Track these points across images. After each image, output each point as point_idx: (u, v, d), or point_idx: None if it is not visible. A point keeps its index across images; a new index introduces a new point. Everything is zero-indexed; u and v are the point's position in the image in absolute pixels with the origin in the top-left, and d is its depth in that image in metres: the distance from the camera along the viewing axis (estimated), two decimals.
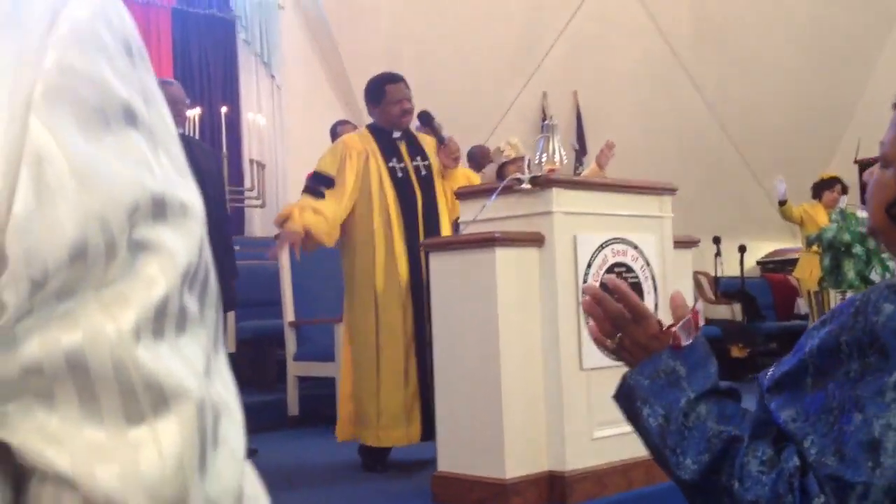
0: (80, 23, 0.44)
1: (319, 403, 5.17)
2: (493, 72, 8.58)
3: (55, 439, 0.42)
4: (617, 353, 1.28)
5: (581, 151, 8.54)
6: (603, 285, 1.30)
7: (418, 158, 3.86)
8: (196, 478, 0.44)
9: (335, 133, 5.89)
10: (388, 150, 3.81)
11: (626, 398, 1.23)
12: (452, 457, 3.06)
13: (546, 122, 3.36)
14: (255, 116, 8.07)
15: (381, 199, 3.72)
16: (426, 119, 3.92)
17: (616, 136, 9.45)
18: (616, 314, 1.25)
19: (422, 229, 3.72)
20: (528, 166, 3.13)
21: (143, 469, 0.42)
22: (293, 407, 5.09)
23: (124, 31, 0.47)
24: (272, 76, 8.35)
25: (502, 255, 2.97)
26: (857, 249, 4.27)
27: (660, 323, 1.25)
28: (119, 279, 0.43)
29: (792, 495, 1.03)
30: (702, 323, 1.26)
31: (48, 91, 0.42)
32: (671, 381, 1.18)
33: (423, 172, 3.83)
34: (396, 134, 3.86)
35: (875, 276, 4.32)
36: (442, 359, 3.12)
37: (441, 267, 3.14)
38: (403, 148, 3.85)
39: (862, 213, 4.60)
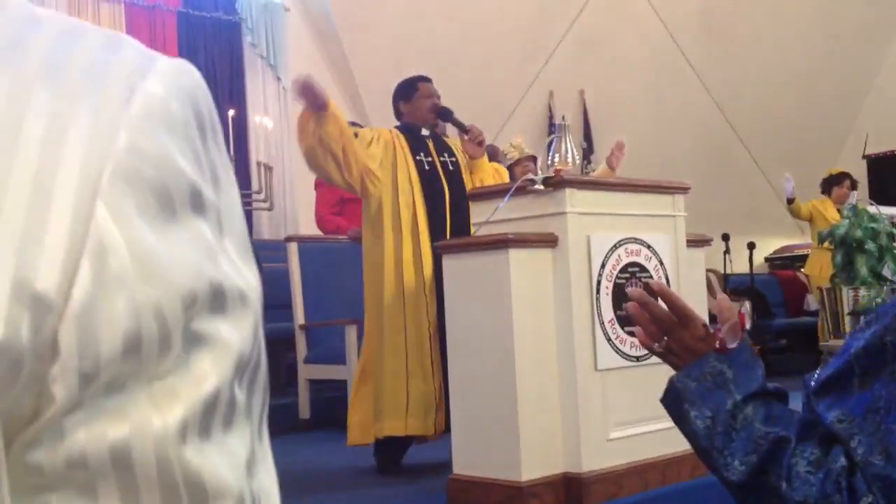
0: (156, 100, 0.42)
1: (331, 406, 5.17)
2: (500, 71, 8.57)
3: None
4: (663, 356, 1.28)
5: (588, 150, 8.53)
6: (646, 286, 1.30)
7: (445, 155, 3.92)
8: None
9: None
10: (416, 145, 3.86)
11: (674, 400, 1.25)
12: (468, 459, 3.05)
13: (559, 122, 3.35)
14: (261, 119, 8.07)
15: (408, 192, 3.74)
16: (446, 114, 3.96)
17: (623, 135, 9.43)
18: (662, 318, 1.26)
19: (449, 223, 3.73)
20: (541, 167, 3.11)
21: None
22: (304, 410, 5.08)
23: (199, 107, 0.45)
24: (278, 78, 8.35)
25: (516, 256, 2.96)
26: (870, 246, 4.25)
27: (705, 326, 1.25)
28: (171, 373, 0.41)
29: (840, 495, 1.03)
30: (748, 325, 1.27)
31: (116, 174, 0.40)
32: (718, 384, 1.19)
33: (451, 168, 3.88)
34: (425, 132, 3.93)
35: (887, 272, 4.30)
36: (456, 361, 3.11)
37: (454, 268, 3.13)
38: (431, 145, 3.92)
39: (873, 209, 4.58)
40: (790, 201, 7.02)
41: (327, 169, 3.62)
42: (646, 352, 3.13)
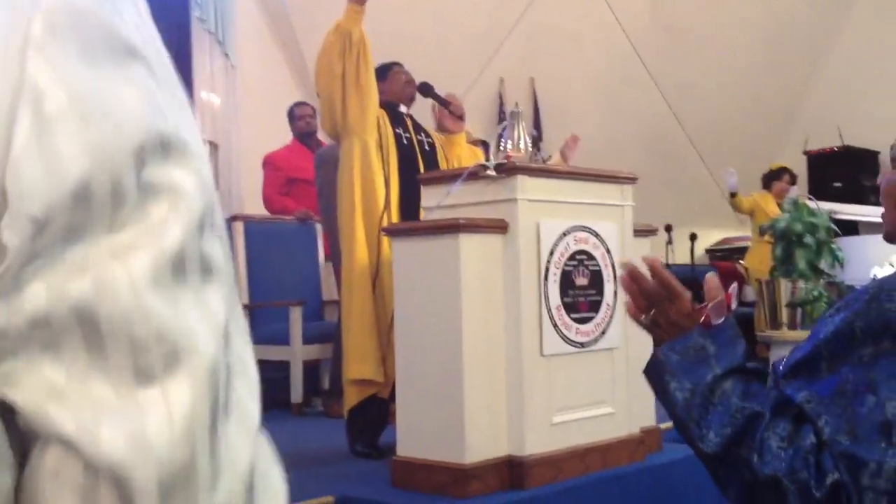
0: None
1: (274, 387, 5.14)
2: (451, 56, 8.57)
3: (59, 396, 0.39)
4: (649, 328, 1.32)
5: (538, 138, 8.58)
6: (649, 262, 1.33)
7: (422, 134, 3.97)
8: (205, 442, 0.40)
9: (293, 115, 5.84)
10: (396, 120, 3.90)
11: (655, 371, 1.28)
12: (412, 441, 3.07)
13: (512, 109, 3.37)
14: (208, 96, 7.96)
15: (387, 160, 3.75)
16: (426, 88, 4.01)
17: (572, 124, 9.48)
18: (652, 291, 1.29)
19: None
20: (493, 153, 3.13)
21: (151, 435, 0.39)
22: None
23: None
24: (226, 55, 8.24)
25: (466, 241, 2.97)
26: (808, 240, 4.35)
27: (693, 302, 1.29)
28: (130, 224, 0.40)
29: (807, 471, 1.07)
30: (734, 305, 1.31)
31: (48, 24, 0.40)
32: (700, 358, 1.22)
33: (427, 147, 3.91)
34: (402, 109, 3.98)
35: (825, 265, 4.41)
36: (404, 343, 3.12)
37: (404, 252, 3.14)
38: (409, 123, 3.96)
39: (813, 204, 4.69)
40: (733, 195, 7.14)
41: (332, 83, 3.63)
42: (590, 338, 3.20)
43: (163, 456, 0.39)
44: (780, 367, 1.20)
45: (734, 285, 1.34)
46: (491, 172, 3.02)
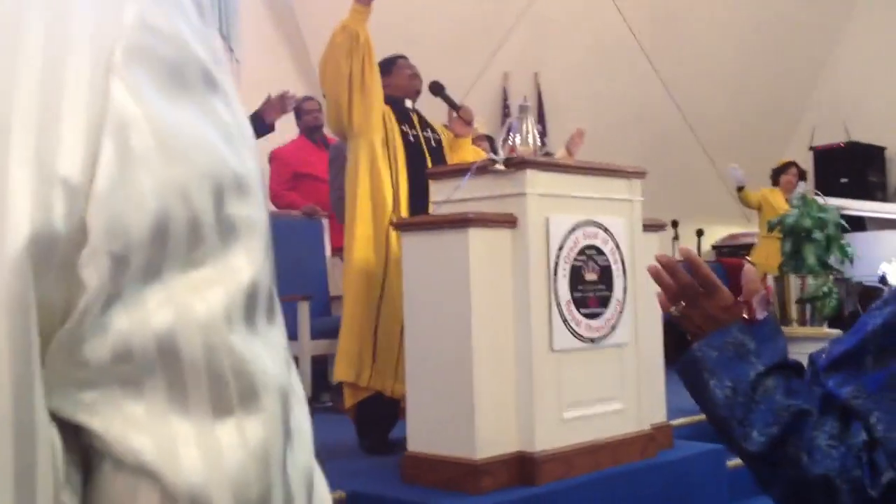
0: None
1: None
2: (455, 51, 8.55)
3: (140, 427, 0.39)
4: (681, 320, 1.27)
5: (542, 132, 8.57)
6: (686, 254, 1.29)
7: (429, 130, 3.95)
8: (279, 473, 0.42)
9: (300, 110, 5.82)
10: (401, 116, 3.88)
11: (692, 368, 1.23)
12: (423, 437, 3.06)
13: (521, 103, 3.36)
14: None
15: (394, 158, 3.74)
16: (437, 88, 3.98)
17: (577, 118, 9.46)
18: (687, 285, 1.25)
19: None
20: (501, 147, 3.11)
21: (229, 464, 0.40)
22: None
23: None
24: (231, 49, 8.22)
25: (475, 235, 2.96)
26: (817, 235, 4.34)
27: (733, 296, 1.25)
28: (209, 262, 0.40)
29: (860, 469, 1.04)
30: (772, 299, 1.28)
31: (129, 51, 0.39)
32: (739, 354, 1.19)
33: (434, 143, 3.90)
34: (408, 104, 3.96)
35: (834, 261, 4.39)
36: (413, 339, 3.11)
37: (413, 247, 3.12)
38: (415, 118, 3.94)
39: (821, 200, 4.67)
40: (740, 189, 7.13)
41: (339, 82, 3.60)
42: (600, 334, 3.18)
43: (241, 484, 0.40)
44: (821, 361, 1.17)
45: (770, 278, 1.31)
46: (500, 167, 3.01)
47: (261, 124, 4.24)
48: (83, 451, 0.40)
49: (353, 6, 3.67)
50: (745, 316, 1.22)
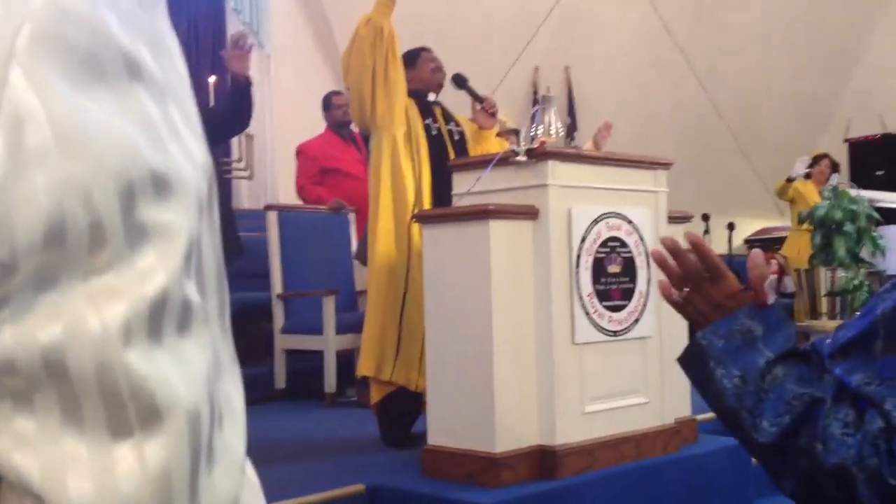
0: None
1: (307, 377, 5.15)
2: (485, 46, 8.51)
3: (28, 445, 0.36)
4: (681, 307, 1.24)
5: (572, 127, 8.52)
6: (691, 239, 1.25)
7: (452, 124, 3.94)
8: (185, 498, 0.38)
9: (329, 103, 5.82)
10: (424, 110, 3.87)
11: (697, 359, 1.20)
12: (443, 430, 3.04)
13: (543, 93, 3.32)
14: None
15: (416, 152, 3.73)
16: (460, 80, 3.97)
17: (607, 113, 9.37)
18: (692, 270, 1.22)
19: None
20: (524, 138, 3.09)
21: (123, 489, 0.37)
22: (280, 380, 5.07)
23: None
24: (261, 45, 8.26)
25: (496, 227, 2.94)
26: (848, 227, 4.26)
27: (739, 282, 1.21)
28: (113, 268, 0.37)
29: (878, 458, 1.01)
30: (784, 284, 1.24)
31: (35, 37, 0.35)
32: (747, 342, 1.15)
33: (457, 137, 3.89)
34: (431, 97, 3.95)
35: (865, 253, 4.32)
36: (434, 332, 3.10)
37: (434, 239, 3.11)
38: (438, 112, 3.93)
39: (854, 192, 4.59)
40: (790, 180, 7.05)
41: (363, 75, 3.59)
42: (623, 327, 3.15)
43: None
44: (826, 347, 1.12)
45: (774, 261, 1.27)
46: (521, 158, 2.98)
47: (240, 87, 4.10)
48: None
49: (379, 1, 3.67)
50: (754, 301, 1.17)
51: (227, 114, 4.33)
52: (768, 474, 1.15)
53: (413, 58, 3.99)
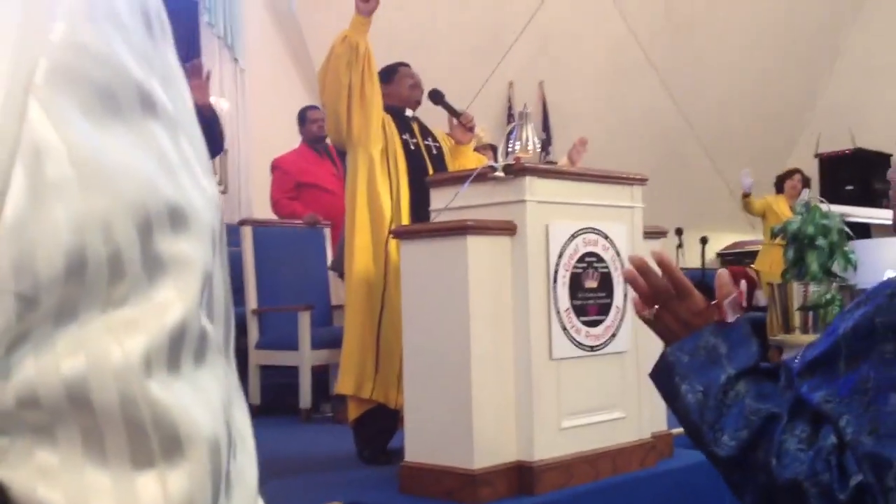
0: None
1: (282, 393, 5.12)
2: (460, 60, 8.54)
3: (52, 478, 0.37)
4: (653, 324, 1.26)
5: (547, 142, 8.56)
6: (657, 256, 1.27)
7: (430, 139, 3.94)
8: None
9: (304, 118, 5.82)
10: (402, 126, 3.86)
11: (665, 374, 1.22)
12: (421, 447, 3.03)
13: (521, 110, 3.34)
14: (217, 100, 7.96)
15: (394, 167, 3.72)
16: (436, 96, 3.96)
17: (581, 127, 9.42)
18: (660, 288, 1.24)
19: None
20: (501, 154, 3.10)
21: None
22: (255, 396, 5.03)
23: (146, 2, 0.41)
24: (235, 59, 8.24)
25: (474, 243, 2.94)
26: (821, 242, 4.31)
27: (705, 300, 1.23)
28: (129, 301, 0.37)
29: (830, 473, 1.03)
30: (745, 303, 1.27)
31: (53, 71, 0.36)
32: (711, 359, 1.17)
33: (434, 152, 3.89)
34: (409, 113, 3.95)
35: (837, 268, 4.36)
36: (411, 347, 3.09)
37: (412, 255, 3.11)
38: (416, 127, 3.93)
39: (825, 207, 4.64)
40: (745, 195, 7.11)
41: (339, 92, 3.57)
42: (600, 342, 3.16)
43: None
44: (794, 365, 1.15)
45: (743, 282, 1.29)
46: (499, 174, 2.99)
47: (204, 118, 4.13)
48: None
49: (355, 17, 3.67)
50: (717, 319, 1.21)
51: None
52: (730, 487, 1.17)
53: (391, 73, 3.99)
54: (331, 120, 3.72)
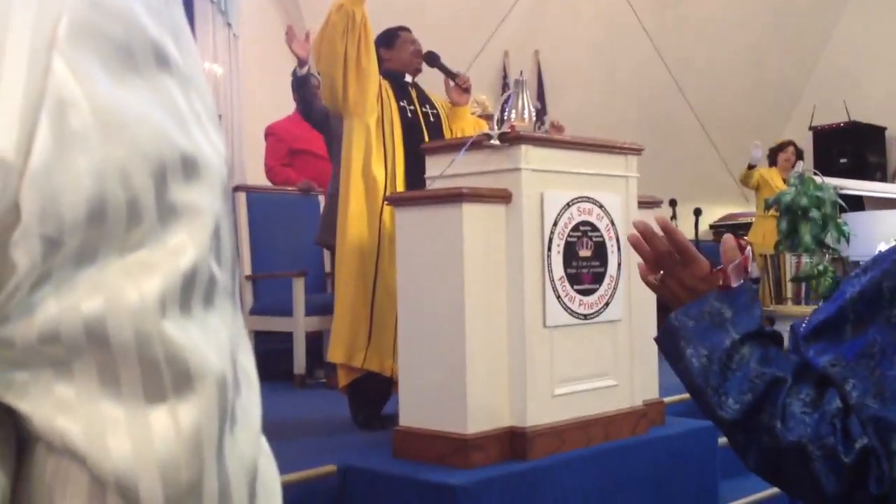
0: None
1: (276, 358, 5.14)
2: (454, 29, 8.49)
3: (69, 409, 0.39)
4: (659, 289, 1.27)
5: (542, 111, 8.53)
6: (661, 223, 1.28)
7: (427, 105, 3.91)
8: (213, 460, 0.42)
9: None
10: (400, 92, 3.84)
11: (670, 338, 1.24)
12: (415, 412, 3.06)
13: (516, 77, 3.33)
14: (211, 66, 7.91)
15: (390, 135, 3.70)
16: (432, 58, 3.93)
17: (576, 97, 9.41)
18: (664, 254, 1.25)
19: None
20: (497, 122, 3.10)
21: (159, 449, 0.40)
22: None
23: None
24: (229, 24, 8.18)
25: (469, 211, 2.95)
26: (814, 214, 4.33)
27: (711, 265, 1.25)
28: (145, 245, 0.39)
29: (834, 436, 1.04)
30: (751, 269, 1.27)
31: (73, 26, 0.38)
32: (716, 323, 1.19)
33: (432, 119, 3.85)
34: (408, 79, 3.92)
35: (830, 240, 4.38)
36: (406, 314, 3.11)
37: (407, 222, 3.11)
38: (414, 94, 3.90)
39: (818, 179, 4.66)
40: (751, 167, 7.12)
41: (335, 63, 3.53)
42: (594, 310, 3.18)
43: (170, 469, 0.40)
44: (801, 330, 1.16)
45: (749, 248, 1.30)
46: (495, 142, 2.99)
47: (299, 78, 4.18)
48: (17, 430, 0.40)
49: None
50: (721, 284, 1.22)
51: None
52: (734, 450, 1.19)
53: (392, 38, 3.95)
54: (327, 89, 3.70)
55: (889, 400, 1.02)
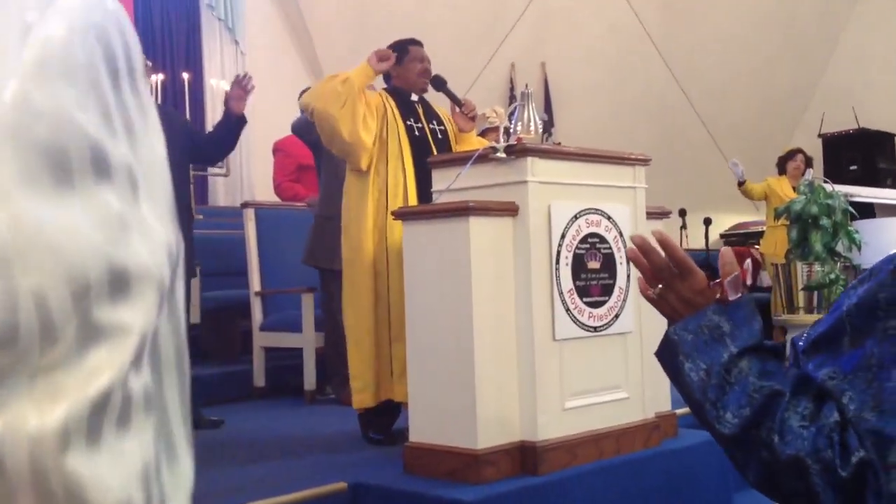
0: (54, 44, 0.37)
1: (286, 374, 5.14)
2: (461, 42, 8.51)
3: None
4: (658, 304, 1.26)
5: (549, 123, 8.53)
6: (657, 235, 1.27)
7: (434, 122, 3.87)
8: None
9: None
10: (406, 110, 3.79)
11: (669, 353, 1.23)
12: (425, 427, 3.04)
13: (523, 90, 3.32)
14: (218, 83, 7.94)
15: (398, 156, 3.66)
16: (439, 82, 3.89)
17: (584, 108, 9.41)
18: (662, 267, 1.24)
19: None
20: (503, 135, 3.08)
21: None
22: (259, 378, 5.05)
23: (111, 46, 0.40)
24: (236, 42, 8.21)
25: (476, 224, 2.94)
26: (825, 222, 4.29)
27: (708, 278, 1.23)
28: (59, 367, 0.38)
29: (832, 450, 1.03)
30: (750, 281, 1.26)
31: (2, 136, 0.36)
32: (715, 337, 1.17)
33: (440, 136, 3.82)
34: (414, 97, 3.87)
35: (841, 248, 4.35)
36: (415, 328, 3.09)
37: (414, 236, 3.10)
38: (420, 111, 3.85)
39: (829, 186, 4.63)
40: (741, 184, 7.08)
41: (338, 121, 3.53)
42: (603, 322, 3.16)
43: None
44: (800, 343, 1.15)
45: (749, 261, 1.28)
46: (501, 154, 2.98)
47: (233, 124, 4.17)
48: None
49: (364, 66, 3.61)
50: (718, 297, 1.20)
51: (216, 142, 4.36)
52: (734, 465, 1.18)
53: (402, 52, 3.87)
54: (325, 135, 3.65)
55: (887, 413, 1.01)
